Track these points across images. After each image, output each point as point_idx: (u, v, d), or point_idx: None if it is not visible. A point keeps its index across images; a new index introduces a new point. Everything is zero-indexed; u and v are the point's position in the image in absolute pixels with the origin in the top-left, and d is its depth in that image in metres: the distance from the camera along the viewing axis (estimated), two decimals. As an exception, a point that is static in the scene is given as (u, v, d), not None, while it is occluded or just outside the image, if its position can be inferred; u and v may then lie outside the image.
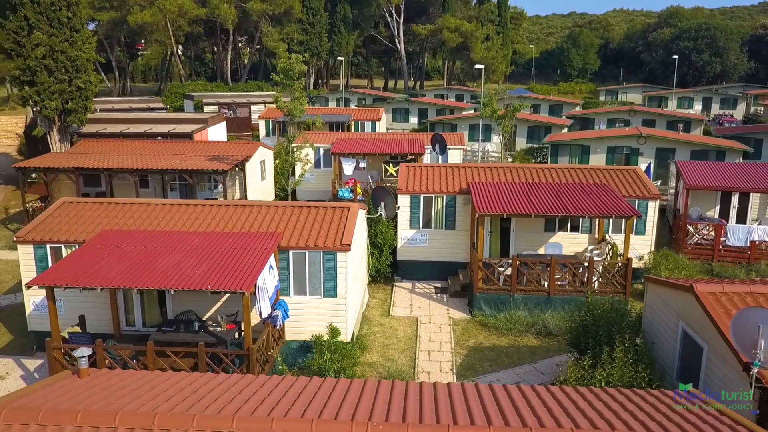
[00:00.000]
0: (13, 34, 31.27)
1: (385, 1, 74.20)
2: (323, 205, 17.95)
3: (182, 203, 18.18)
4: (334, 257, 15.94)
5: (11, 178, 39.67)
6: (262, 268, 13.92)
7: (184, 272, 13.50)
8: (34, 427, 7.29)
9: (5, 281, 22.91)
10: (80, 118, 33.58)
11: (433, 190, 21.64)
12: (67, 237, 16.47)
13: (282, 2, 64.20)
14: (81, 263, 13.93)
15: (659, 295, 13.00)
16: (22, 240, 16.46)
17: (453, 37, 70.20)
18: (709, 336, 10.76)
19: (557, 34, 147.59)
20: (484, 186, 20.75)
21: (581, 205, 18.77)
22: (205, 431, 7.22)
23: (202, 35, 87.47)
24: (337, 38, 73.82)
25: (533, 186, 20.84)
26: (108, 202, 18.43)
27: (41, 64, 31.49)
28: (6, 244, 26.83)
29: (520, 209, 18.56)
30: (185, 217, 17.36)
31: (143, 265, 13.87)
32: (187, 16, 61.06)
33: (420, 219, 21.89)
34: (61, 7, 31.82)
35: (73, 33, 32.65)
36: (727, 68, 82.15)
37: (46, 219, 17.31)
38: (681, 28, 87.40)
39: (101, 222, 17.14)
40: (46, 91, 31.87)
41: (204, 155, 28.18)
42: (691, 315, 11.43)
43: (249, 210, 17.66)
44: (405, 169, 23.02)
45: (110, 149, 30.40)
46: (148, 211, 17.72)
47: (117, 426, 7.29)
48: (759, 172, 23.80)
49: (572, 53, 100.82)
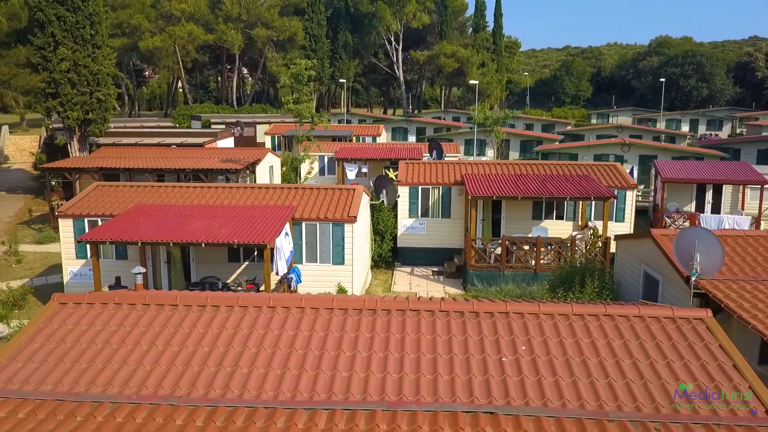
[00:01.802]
0: (40, 49, 33.69)
1: (384, 29, 77.44)
2: (331, 187, 19.99)
3: (204, 186, 20.22)
4: (342, 228, 17.90)
5: (30, 189, 41.77)
6: (280, 229, 15.87)
7: (212, 232, 15.44)
8: (112, 306, 9.17)
9: (36, 268, 24.81)
10: (99, 128, 35.81)
11: (430, 182, 23.69)
12: (103, 211, 18.43)
13: (286, 29, 67.23)
14: (121, 225, 15.89)
15: (626, 248, 14.97)
16: (63, 214, 18.41)
17: (450, 62, 73.24)
18: (662, 269, 12.70)
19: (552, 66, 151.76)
20: (477, 175, 22.83)
21: (563, 189, 20.82)
22: (248, 307, 9.10)
23: (207, 64, 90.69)
24: (339, 64, 76.81)
25: (521, 175, 22.92)
26: (137, 185, 20.45)
27: (65, 77, 33.84)
28: (32, 239, 28.78)
29: (508, 192, 20.60)
30: (208, 196, 19.37)
31: (176, 227, 15.83)
32: (196, 41, 63.94)
33: (418, 208, 23.89)
34: (85, 25, 34.32)
35: (95, 49, 35.11)
36: (714, 93, 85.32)
37: (82, 198, 19.30)
38: (669, 56, 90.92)
39: (132, 200, 19.13)
40: (69, 102, 34.14)
41: (217, 158, 30.31)
42: (650, 256, 13.38)
43: (265, 191, 19.69)
44: (405, 165, 25.11)
45: (128, 155, 32.52)
46: (174, 192, 19.73)
47: (177, 304, 9.18)
48: (730, 168, 25.91)
49: (565, 81, 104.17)
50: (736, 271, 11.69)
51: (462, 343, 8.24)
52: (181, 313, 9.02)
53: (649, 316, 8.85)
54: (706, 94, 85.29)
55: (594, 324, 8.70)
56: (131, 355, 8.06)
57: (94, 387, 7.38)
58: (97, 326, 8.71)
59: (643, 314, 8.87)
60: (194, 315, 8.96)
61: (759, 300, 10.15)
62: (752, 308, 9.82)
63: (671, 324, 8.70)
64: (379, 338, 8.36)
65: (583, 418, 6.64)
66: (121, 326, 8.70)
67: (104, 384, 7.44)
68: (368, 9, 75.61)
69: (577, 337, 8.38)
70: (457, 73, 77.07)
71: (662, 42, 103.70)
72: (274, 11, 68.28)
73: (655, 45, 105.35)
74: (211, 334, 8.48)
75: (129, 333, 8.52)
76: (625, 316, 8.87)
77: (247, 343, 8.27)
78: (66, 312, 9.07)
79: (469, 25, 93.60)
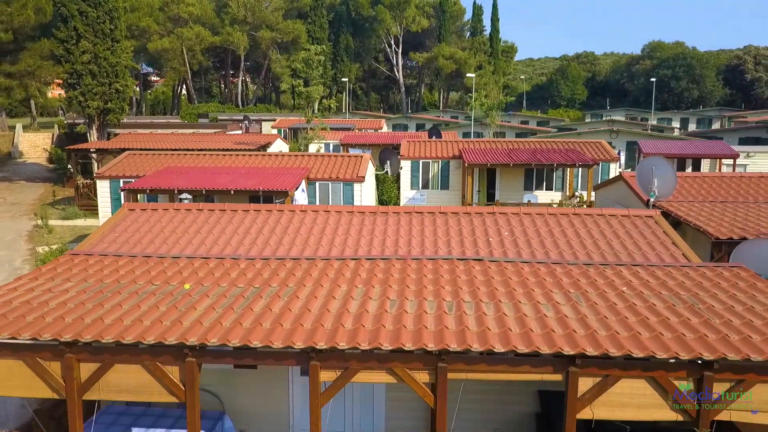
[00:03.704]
0: (63, 42, 35.89)
1: (384, 32, 79.91)
2: (341, 155, 22.10)
3: (227, 153, 22.32)
4: (351, 187, 19.99)
5: (47, 179, 43.88)
6: (299, 182, 17.96)
7: (238, 183, 17.52)
8: (172, 210, 11.23)
9: (66, 237, 26.84)
10: (118, 118, 37.94)
11: (430, 156, 25.80)
12: (135, 173, 20.52)
13: (290, 31, 69.63)
14: (156, 180, 17.96)
15: (602, 194, 17.08)
16: (100, 176, 20.51)
17: (448, 64, 75.66)
18: (630, 201, 14.79)
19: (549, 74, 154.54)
20: (473, 149, 24.96)
21: (551, 158, 22.93)
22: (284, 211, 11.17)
23: (210, 68, 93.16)
24: (340, 67, 79.15)
25: (514, 149, 25.05)
26: (164, 153, 22.56)
27: (87, 68, 36.01)
28: (58, 216, 30.87)
29: (501, 160, 22.70)
30: (230, 162, 21.47)
31: (206, 180, 17.90)
32: (203, 43, 66.24)
33: (419, 181, 25.97)
34: (105, 20, 36.53)
35: (114, 43, 37.30)
36: (704, 95, 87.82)
37: (116, 164, 21.41)
38: (661, 59, 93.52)
39: (160, 165, 21.22)
40: (90, 92, 36.30)
41: (230, 142, 32.41)
42: (621, 195, 15.49)
43: (281, 158, 21.80)
44: (407, 142, 27.22)
45: (148, 140, 34.61)
46: (198, 159, 21.83)
47: (225, 209, 11.25)
48: (707, 145, 28.07)
49: (561, 84, 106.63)
50: (689, 198, 13.80)
51: (457, 230, 10.31)
52: (228, 215, 11.09)
53: (609, 214, 10.94)
54: (697, 95, 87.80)
55: (565, 220, 10.78)
56: (195, 236, 10.13)
57: (173, 251, 9.46)
58: (163, 222, 10.79)
59: (605, 213, 10.96)
60: (240, 216, 11.03)
61: (702, 213, 12.23)
62: (696, 216, 11.90)
63: (627, 220, 10.79)
64: (391, 228, 10.44)
65: (548, 262, 8.71)
66: (182, 222, 10.77)
67: (180, 250, 9.51)
68: (369, 13, 78.10)
69: (550, 226, 10.47)
70: (456, 74, 79.47)
71: (655, 47, 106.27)
72: (278, 14, 70.70)
73: (648, 50, 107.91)
74: (255, 227, 10.55)
75: (190, 224, 10.60)
76: (589, 215, 10.96)
77: (287, 230, 10.35)
78: (135, 215, 11.14)
79: (466, 30, 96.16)
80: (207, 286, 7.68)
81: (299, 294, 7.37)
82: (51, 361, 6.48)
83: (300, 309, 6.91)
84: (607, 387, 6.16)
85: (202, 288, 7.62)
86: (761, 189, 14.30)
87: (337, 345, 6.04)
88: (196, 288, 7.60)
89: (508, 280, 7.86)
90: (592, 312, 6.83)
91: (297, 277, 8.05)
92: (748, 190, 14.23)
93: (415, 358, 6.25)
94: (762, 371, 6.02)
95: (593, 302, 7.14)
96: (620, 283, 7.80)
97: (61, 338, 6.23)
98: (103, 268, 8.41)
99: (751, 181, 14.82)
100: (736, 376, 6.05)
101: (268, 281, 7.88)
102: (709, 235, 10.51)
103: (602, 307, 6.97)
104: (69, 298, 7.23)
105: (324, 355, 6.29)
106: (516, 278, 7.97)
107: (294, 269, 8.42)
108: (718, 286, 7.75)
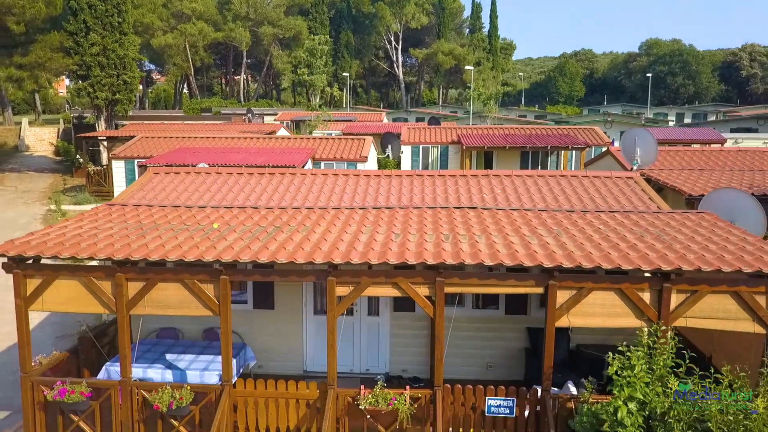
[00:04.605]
0: (73, 35, 36.91)
1: (384, 29, 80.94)
2: (345, 137, 23.14)
3: (235, 136, 23.37)
4: (355, 166, 21.00)
5: (55, 170, 44.93)
6: (305, 160, 19.00)
7: (250, 160, 18.55)
8: (193, 173, 12.27)
9: (79, 219, 27.91)
10: (125, 108, 38.99)
11: (430, 141, 26.85)
12: (150, 154, 21.55)
13: (291, 27, 70.64)
14: (172, 158, 18.99)
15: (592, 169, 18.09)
16: (115, 156, 21.54)
17: (447, 59, 76.74)
18: (617, 174, 15.81)
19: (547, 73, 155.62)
20: (471, 134, 26.02)
21: (545, 141, 23.98)
22: (296, 174, 12.21)
23: (212, 66, 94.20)
24: (341, 63, 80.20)
25: (510, 134, 26.10)
26: (175, 136, 23.59)
27: (95, 60, 37.05)
28: (71, 201, 31.89)
29: (498, 143, 23.75)
30: (240, 143, 22.52)
31: (219, 158, 18.94)
32: (206, 38, 67.25)
33: (419, 165, 27.00)
34: (113, 13, 37.57)
35: (122, 36, 38.34)
36: (700, 91, 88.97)
37: (130, 146, 22.45)
38: (658, 55, 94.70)
39: (175, 147, 22.25)
40: (99, 83, 37.33)
41: (236, 131, 33.43)
42: (609, 168, 16.52)
43: (288, 140, 22.87)
44: (407, 128, 28.28)
45: (156, 129, 35.63)
46: (209, 142, 22.88)
47: (242, 173, 12.29)
48: (695, 132, 29.12)
49: (559, 81, 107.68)
50: (672, 168, 14.85)
51: (454, 189, 11.36)
52: (246, 177, 12.13)
53: (593, 176, 11.99)
54: (693, 91, 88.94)
55: (552, 181, 11.83)
56: (217, 194, 11.17)
57: (199, 203, 10.50)
58: (186, 183, 11.83)
59: (589, 174, 12.01)
60: (256, 178, 12.08)
61: (680, 177, 13.27)
62: (674, 180, 12.94)
63: (609, 180, 11.83)
64: (394, 188, 11.48)
65: (535, 210, 9.75)
66: (203, 183, 11.82)
67: (205, 203, 10.56)
68: (369, 9, 79.14)
69: (539, 186, 11.52)
70: (454, 70, 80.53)
71: (652, 44, 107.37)
72: (279, 11, 71.73)
73: (646, 47, 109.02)
74: (271, 186, 11.59)
75: (211, 185, 11.65)
76: (575, 176, 12.01)
77: (300, 189, 11.40)
78: (160, 177, 12.18)
79: (465, 27, 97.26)
80: (233, 225, 8.72)
81: (315, 230, 8.42)
82: (103, 280, 7.53)
83: (317, 239, 7.95)
84: (581, 298, 7.20)
85: (229, 227, 8.66)
86: (739, 160, 15.34)
87: (351, 261, 7.08)
88: (223, 227, 8.64)
89: (499, 221, 8.91)
90: (571, 241, 7.88)
91: (312, 219, 9.09)
92: (726, 162, 15.28)
93: (417, 274, 7.30)
94: (713, 283, 7.07)
95: (573, 234, 8.19)
96: (598, 223, 8.84)
97: (114, 257, 7.27)
98: (139, 214, 9.45)
99: (730, 154, 15.87)
100: (690, 287, 7.10)
101: (287, 222, 8.92)
102: (683, 192, 11.55)
103: (580, 238, 8.01)
104: (114, 233, 8.28)
105: (339, 271, 7.34)
106: (506, 220, 9.01)
107: (309, 215, 9.46)
108: (684, 224, 8.80)
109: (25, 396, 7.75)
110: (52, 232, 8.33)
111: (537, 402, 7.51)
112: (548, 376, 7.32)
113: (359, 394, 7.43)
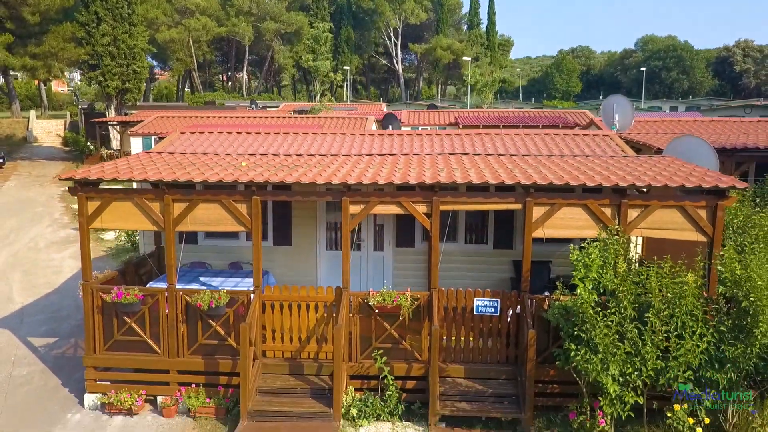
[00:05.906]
0: (84, 25, 38.38)
1: (384, 25, 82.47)
2: (348, 116, 24.57)
3: (245, 115, 24.78)
4: (358, 142, 22.44)
5: (64, 159, 46.38)
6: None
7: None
8: (216, 133, 13.69)
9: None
10: (135, 97, 40.46)
11: (428, 123, 28.30)
12: (166, 131, 22.98)
13: (293, 23, 72.12)
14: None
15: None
16: (134, 133, 22.97)
17: (445, 54, 78.33)
18: (600, 141, 17.25)
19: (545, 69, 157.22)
20: (468, 115, 27.48)
21: (537, 122, 25.45)
22: (308, 133, 13.64)
23: (214, 62, 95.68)
24: (342, 58, 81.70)
25: (504, 115, 27.57)
26: (190, 116, 25.02)
27: (106, 50, 38.51)
28: (84, 184, 33.41)
29: (492, 122, 25.22)
30: (250, 121, 23.94)
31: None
32: (210, 33, 68.69)
33: (418, 146, 28.42)
34: (123, 5, 39.06)
35: (132, 27, 39.82)
36: (694, 85, 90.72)
37: (147, 124, 23.89)
38: (653, 50, 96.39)
39: (191, 124, 23.67)
40: (109, 72, 38.81)
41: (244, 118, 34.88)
42: (593, 137, 17.96)
43: (294, 119, 24.28)
44: (407, 112, 29.73)
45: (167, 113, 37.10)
46: (220, 120, 24.32)
47: (260, 132, 13.71)
48: (679, 115, 30.57)
49: (556, 77, 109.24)
50: (647, 133, 16.32)
51: (449, 143, 12.80)
52: (263, 136, 13.58)
53: (574, 134, 13.44)
54: (687, 86, 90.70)
55: (537, 137, 13.28)
56: (240, 147, 12.61)
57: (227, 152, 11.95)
58: (212, 139, 13.27)
59: (570, 133, 13.47)
60: (273, 137, 13.53)
61: (653, 138, 14.71)
62: (645, 138, 14.39)
63: (588, 137, 13.28)
64: (396, 143, 12.93)
65: (519, 154, 11.19)
66: (227, 140, 13.25)
67: (232, 152, 12.00)
68: (369, 5, 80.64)
69: (524, 141, 12.97)
70: (453, 66, 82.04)
71: (648, 40, 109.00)
72: (281, 6, 73.19)
73: (642, 43, 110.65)
74: (287, 143, 13.04)
75: (233, 141, 13.09)
76: (557, 134, 13.46)
77: (313, 144, 12.84)
78: (186, 136, 13.62)
79: (463, 23, 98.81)
80: (259, 164, 10.17)
81: (330, 166, 9.87)
82: (153, 201, 8.96)
83: (333, 170, 9.40)
84: (554, 213, 8.64)
85: (256, 164, 10.10)
86: (710, 128, 16.81)
87: (362, 182, 8.54)
88: (250, 165, 10.08)
89: (487, 161, 10.36)
90: (547, 171, 9.33)
91: (327, 161, 10.54)
92: (699, 129, 16.74)
93: (417, 195, 8.75)
94: (663, 199, 8.51)
95: (549, 167, 9.64)
96: (573, 161, 10.30)
97: (164, 179, 8.71)
98: (176, 157, 10.89)
99: (703, 123, 17.34)
100: (644, 202, 8.55)
101: (305, 162, 10.37)
102: (652, 147, 13.01)
103: (555, 168, 9.47)
104: (159, 166, 9.72)
105: (352, 192, 8.79)
106: (494, 161, 10.46)
107: (324, 159, 10.91)
108: (646, 162, 10.26)
109: (86, 300, 9.18)
110: (106, 166, 9.77)
111: (518, 302, 8.96)
112: (526, 279, 8.77)
113: (369, 294, 8.88)
